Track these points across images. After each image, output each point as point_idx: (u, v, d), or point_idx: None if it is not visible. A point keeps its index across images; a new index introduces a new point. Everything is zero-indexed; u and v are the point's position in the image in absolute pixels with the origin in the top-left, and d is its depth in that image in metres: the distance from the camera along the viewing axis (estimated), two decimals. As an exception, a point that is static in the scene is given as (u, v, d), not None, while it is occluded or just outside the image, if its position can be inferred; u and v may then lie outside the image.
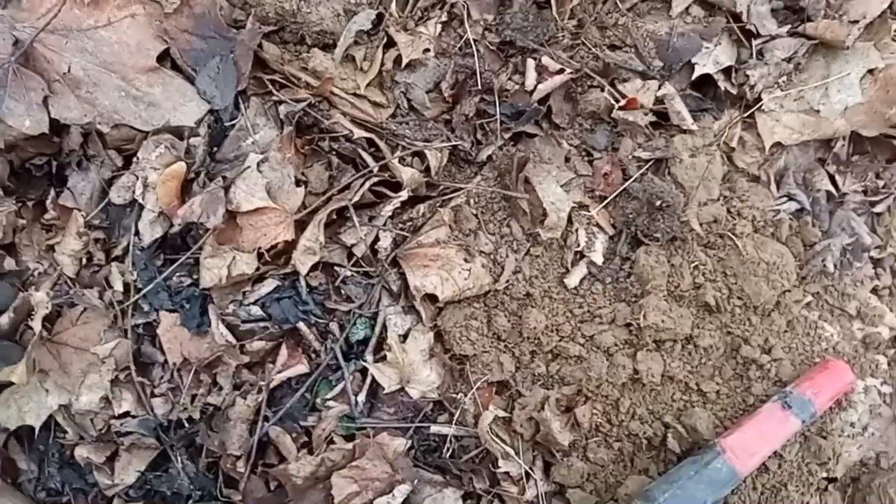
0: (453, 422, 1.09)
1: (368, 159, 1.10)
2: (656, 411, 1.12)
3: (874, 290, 1.23)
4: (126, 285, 1.05)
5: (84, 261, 1.06)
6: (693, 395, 1.13)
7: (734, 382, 1.14)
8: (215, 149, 1.09)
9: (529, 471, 1.09)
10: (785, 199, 1.22)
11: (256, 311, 1.05)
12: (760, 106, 1.20)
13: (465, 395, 1.09)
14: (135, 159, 1.06)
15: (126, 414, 1.03)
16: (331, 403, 1.07)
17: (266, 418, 1.04)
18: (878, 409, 1.17)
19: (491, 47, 1.20)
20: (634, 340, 1.14)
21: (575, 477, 1.10)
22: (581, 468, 1.10)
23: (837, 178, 1.26)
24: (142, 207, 1.05)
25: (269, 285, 1.06)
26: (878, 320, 1.20)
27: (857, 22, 1.23)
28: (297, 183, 1.06)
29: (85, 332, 1.03)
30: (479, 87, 1.17)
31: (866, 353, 1.19)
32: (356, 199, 1.05)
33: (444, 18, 1.19)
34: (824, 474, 1.14)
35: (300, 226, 1.06)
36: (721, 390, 1.13)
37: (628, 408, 1.12)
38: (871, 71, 1.22)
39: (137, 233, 1.05)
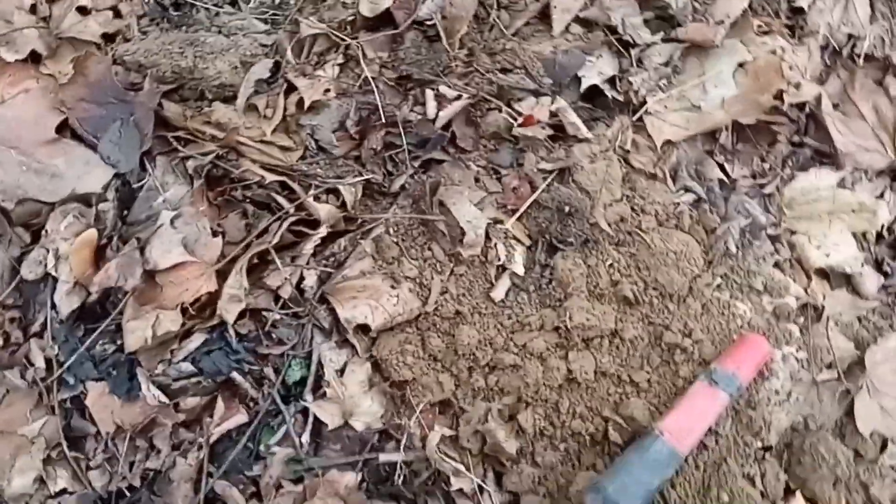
0: (401, 448, 1.09)
1: (283, 202, 1.12)
2: (594, 407, 1.16)
3: (776, 265, 1.31)
4: (48, 361, 1.02)
5: (1, 342, 1.03)
6: (626, 387, 1.17)
7: (662, 368, 1.19)
8: (126, 212, 1.08)
9: (482, 484, 1.10)
10: (682, 191, 1.30)
11: (187, 367, 1.04)
12: (646, 109, 1.29)
13: (410, 420, 1.10)
14: (44, 232, 1.04)
15: (63, 492, 0.99)
16: (275, 449, 1.06)
17: (210, 474, 1.02)
18: (798, 374, 1.24)
19: (389, 82, 1.25)
20: (564, 342, 1.18)
21: (527, 483, 1.12)
22: (531, 473, 1.12)
23: (726, 166, 1.35)
24: (56, 280, 1.03)
25: (197, 339, 1.05)
26: (784, 292, 1.28)
27: (722, 22, 1.34)
28: (214, 234, 1.07)
29: (10, 415, 1.00)
30: (383, 121, 1.22)
31: (778, 324, 1.26)
32: (275, 240, 1.07)
33: (340, 60, 1.23)
34: (759, 444, 1.19)
35: (222, 276, 1.07)
36: (651, 378, 1.18)
37: (568, 408, 1.16)
38: (741, 64, 1.32)
39: (54, 306, 1.03)
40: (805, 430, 1.24)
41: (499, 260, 1.19)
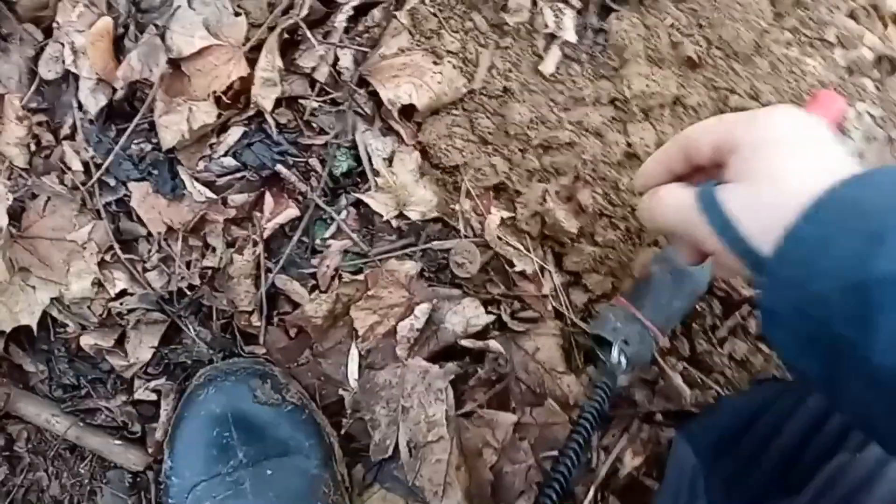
0: (460, 235, 1.06)
1: (306, -27, 1.00)
2: (657, 179, 1.10)
3: (851, 14, 1.19)
4: (85, 164, 0.97)
5: (33, 147, 0.98)
6: (691, 155, 1.10)
7: (729, 134, 1.11)
8: (138, -1, 0.98)
9: (543, 264, 1.07)
10: (748, -64, 1.15)
11: (229, 162, 0.98)
12: None
13: (465, 206, 1.06)
14: (55, 25, 0.96)
15: (123, 293, 0.98)
16: (330, 242, 1.03)
17: (269, 269, 1.00)
18: (872, 132, 1.16)
19: None
20: (622, 115, 1.10)
21: (588, 261, 1.09)
22: (592, 251, 1.09)
23: None
24: (77, 77, 0.96)
25: (235, 133, 0.99)
26: (858, 43, 1.17)
27: None
28: (236, 13, 0.97)
29: (56, 221, 0.97)
30: None
31: (851, 79, 1.16)
32: (304, 13, 0.97)
33: None
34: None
35: (251, 63, 0.98)
36: (717, 144, 1.10)
37: (628, 184, 1.10)
38: None
39: (81, 106, 0.96)
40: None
41: (547, 28, 1.08)
